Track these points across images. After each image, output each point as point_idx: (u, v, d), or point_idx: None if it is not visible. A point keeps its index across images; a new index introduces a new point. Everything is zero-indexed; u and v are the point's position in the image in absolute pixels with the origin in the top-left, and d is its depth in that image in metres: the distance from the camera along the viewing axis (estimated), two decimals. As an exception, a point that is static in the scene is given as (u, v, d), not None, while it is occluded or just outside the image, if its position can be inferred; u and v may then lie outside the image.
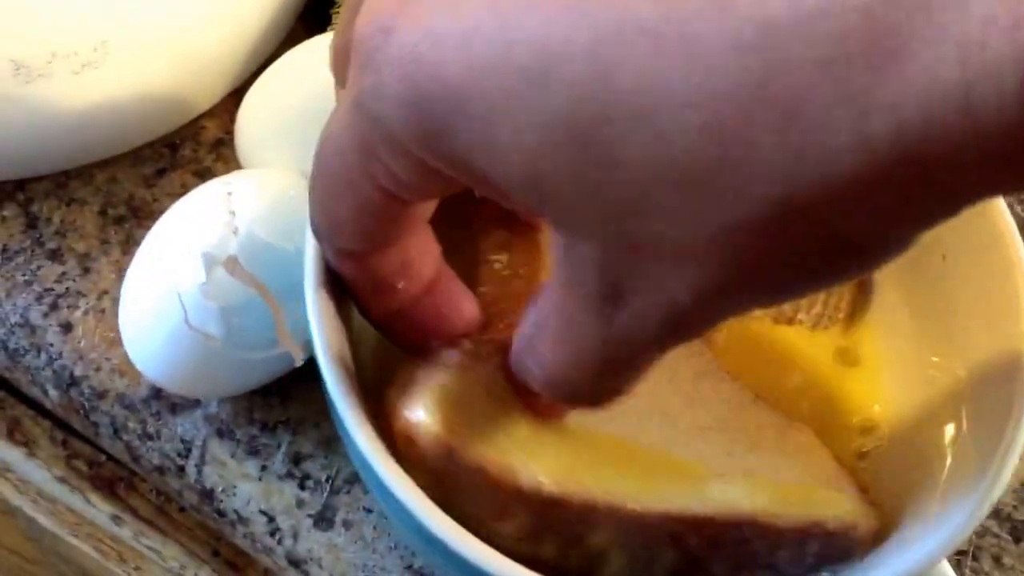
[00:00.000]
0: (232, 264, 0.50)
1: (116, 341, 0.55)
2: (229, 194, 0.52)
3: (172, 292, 0.50)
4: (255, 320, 0.51)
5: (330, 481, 0.55)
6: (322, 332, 0.42)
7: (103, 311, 0.58)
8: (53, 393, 0.58)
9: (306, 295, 0.42)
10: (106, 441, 0.57)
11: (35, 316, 0.58)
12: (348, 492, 0.55)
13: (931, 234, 0.32)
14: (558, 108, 0.29)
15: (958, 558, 0.56)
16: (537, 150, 0.30)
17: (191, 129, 0.65)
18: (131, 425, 0.56)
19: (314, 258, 0.43)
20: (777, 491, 0.45)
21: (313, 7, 0.68)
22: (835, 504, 0.45)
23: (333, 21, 0.67)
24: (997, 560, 0.56)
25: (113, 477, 0.62)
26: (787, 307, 0.50)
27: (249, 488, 0.55)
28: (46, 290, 0.59)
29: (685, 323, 0.32)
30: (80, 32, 0.56)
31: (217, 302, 0.50)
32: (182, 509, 0.62)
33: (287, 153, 0.56)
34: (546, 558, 0.42)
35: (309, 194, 0.40)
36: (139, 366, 0.53)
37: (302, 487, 0.55)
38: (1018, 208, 0.68)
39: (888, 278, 0.51)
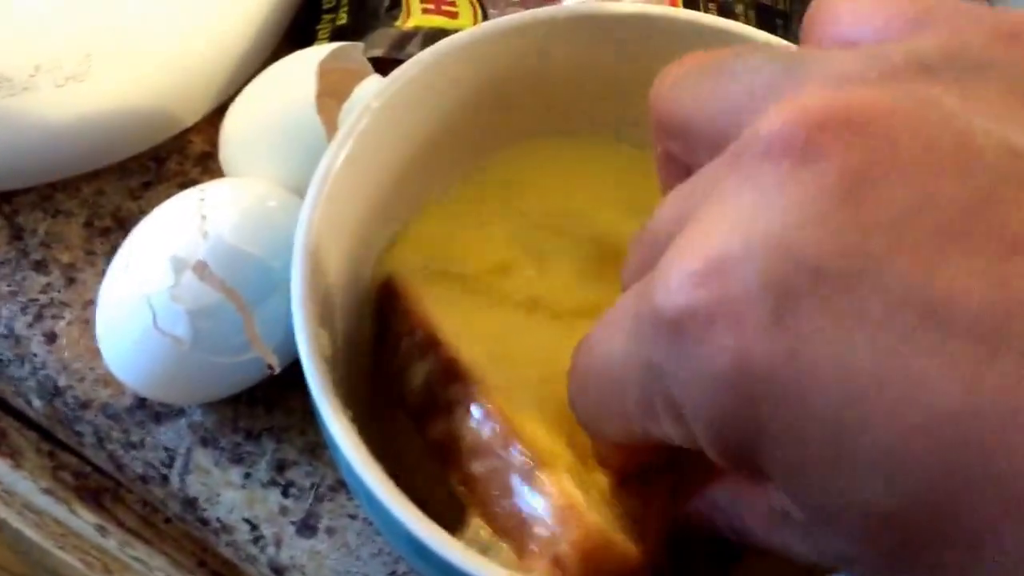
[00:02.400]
0: (201, 268, 0.50)
1: (100, 351, 0.55)
2: (201, 200, 0.53)
3: (143, 296, 0.51)
4: (224, 324, 0.51)
5: (314, 488, 0.55)
6: (308, 344, 0.42)
7: (87, 322, 0.58)
8: (37, 403, 0.58)
9: (293, 309, 0.43)
10: (90, 451, 0.58)
11: (19, 327, 0.59)
12: (332, 499, 0.55)
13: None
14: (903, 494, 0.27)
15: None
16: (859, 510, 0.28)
17: (177, 142, 0.65)
18: (115, 434, 0.57)
19: (301, 271, 0.43)
20: None
21: (299, 22, 0.69)
22: None
23: (318, 36, 0.68)
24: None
25: (99, 488, 0.63)
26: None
27: (233, 496, 0.55)
28: (31, 301, 0.59)
29: None
30: (64, 45, 0.57)
31: (185, 305, 0.50)
32: (168, 520, 0.63)
33: (270, 165, 0.57)
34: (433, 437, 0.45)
35: (572, 387, 0.39)
36: (112, 369, 0.54)
37: (286, 494, 0.55)
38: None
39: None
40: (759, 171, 0.28)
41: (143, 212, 0.56)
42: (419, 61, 0.49)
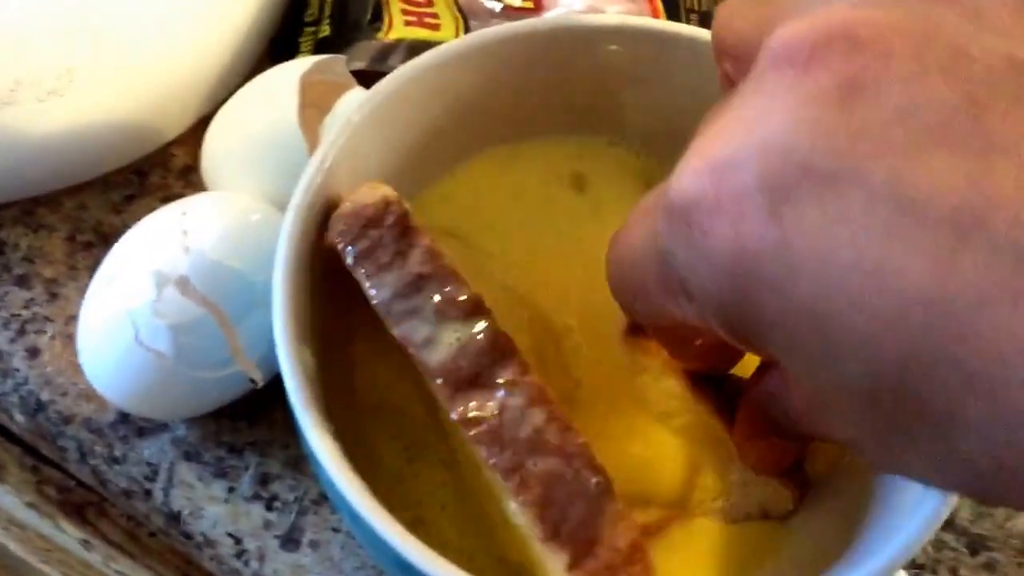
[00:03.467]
0: (183, 283, 0.50)
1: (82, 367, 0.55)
2: (183, 214, 0.53)
3: (124, 311, 0.51)
4: (206, 339, 0.51)
5: (298, 502, 0.55)
6: (291, 363, 0.42)
7: (70, 337, 0.58)
8: (20, 418, 0.58)
9: (274, 328, 0.43)
10: (73, 466, 0.58)
11: (2, 342, 0.58)
12: (316, 512, 0.55)
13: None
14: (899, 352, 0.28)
15: (916, 572, 0.56)
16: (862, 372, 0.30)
17: (160, 156, 0.65)
18: (98, 449, 0.56)
19: (282, 285, 0.43)
20: None
21: (282, 35, 0.69)
22: None
23: (301, 49, 0.68)
24: (954, 573, 0.57)
25: (83, 502, 0.63)
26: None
27: (216, 510, 0.55)
28: (13, 316, 0.59)
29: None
30: (44, 60, 0.57)
31: (167, 320, 0.50)
32: (152, 534, 0.63)
33: (252, 179, 0.57)
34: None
35: (609, 275, 0.41)
36: (95, 384, 0.54)
37: (269, 508, 0.55)
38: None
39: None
40: (767, 80, 0.31)
41: (125, 226, 0.56)
42: (401, 74, 0.49)
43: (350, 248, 0.43)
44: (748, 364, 0.47)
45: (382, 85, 0.49)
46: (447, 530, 0.47)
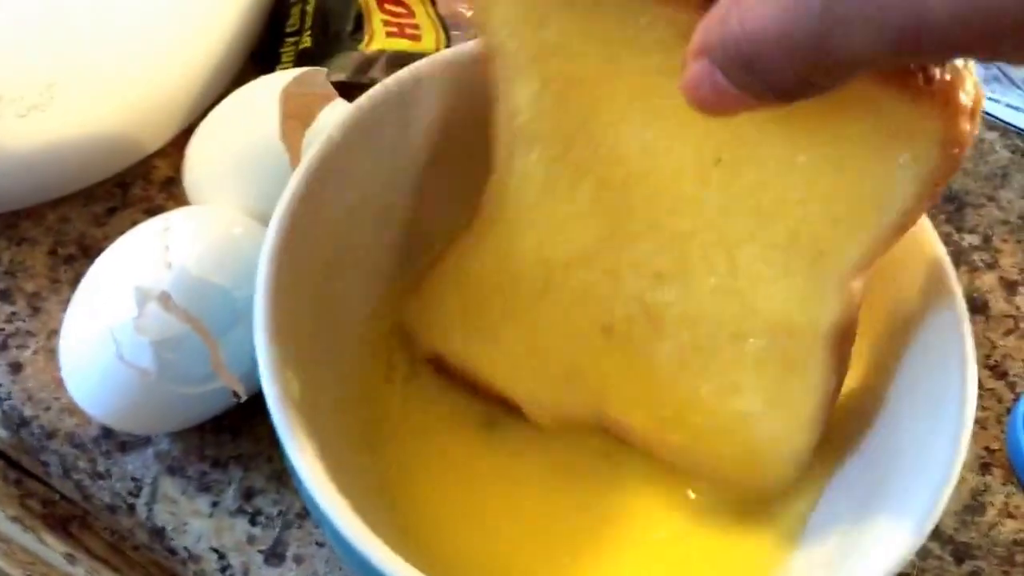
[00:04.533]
0: (165, 299, 0.50)
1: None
2: (165, 230, 0.52)
3: (106, 328, 0.51)
4: (189, 355, 0.51)
5: (282, 516, 0.55)
6: (275, 387, 0.42)
7: (52, 351, 0.58)
8: (3, 433, 0.58)
9: (257, 351, 0.43)
10: (57, 481, 0.58)
11: (-16, 357, 0.58)
12: (300, 527, 0.55)
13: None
14: None
15: (902, 581, 0.56)
16: None
17: (142, 168, 0.65)
18: (81, 464, 0.56)
19: (264, 302, 0.43)
20: None
21: (263, 46, 0.69)
22: None
23: (282, 60, 0.68)
24: (940, 582, 0.57)
25: (67, 516, 0.62)
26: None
27: (200, 525, 0.55)
28: (-4, 330, 0.59)
29: (911, 35, 0.32)
30: (26, 76, 0.56)
31: (149, 336, 0.50)
32: (136, 547, 0.62)
33: (234, 192, 0.57)
34: None
35: None
36: (77, 400, 0.54)
37: (253, 523, 0.55)
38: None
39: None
40: None
41: (108, 239, 0.56)
42: (383, 88, 0.49)
43: None
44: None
45: (363, 100, 0.49)
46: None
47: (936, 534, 0.58)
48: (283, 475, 0.56)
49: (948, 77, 0.40)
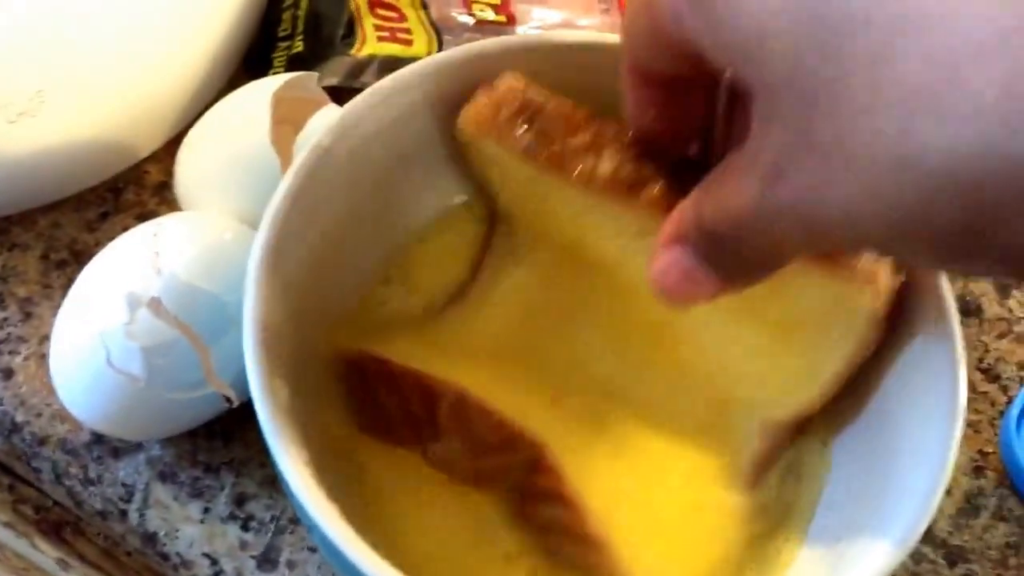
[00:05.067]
0: (156, 305, 0.50)
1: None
2: (156, 235, 0.52)
3: (96, 333, 0.51)
4: (179, 361, 0.51)
5: (274, 521, 0.55)
6: (263, 396, 0.42)
7: (44, 356, 0.58)
8: (-6, 439, 0.58)
9: (246, 359, 0.43)
10: (48, 486, 0.58)
11: (-24, 363, 0.58)
12: (292, 532, 0.55)
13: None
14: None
15: (895, 585, 0.56)
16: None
17: (134, 173, 0.65)
18: (73, 470, 0.56)
19: (253, 307, 0.43)
20: None
21: (255, 51, 0.69)
22: None
23: (274, 64, 0.68)
24: (933, 586, 0.57)
25: (60, 521, 0.62)
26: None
27: (192, 531, 0.55)
28: (-13, 336, 0.59)
29: (821, 232, 0.34)
30: (15, 82, 0.56)
31: (140, 342, 0.50)
32: (129, 553, 0.62)
33: (225, 197, 0.57)
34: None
35: None
36: (68, 406, 0.54)
37: (246, 528, 0.55)
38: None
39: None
40: None
41: (99, 244, 0.56)
42: (374, 92, 0.49)
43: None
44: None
45: (354, 105, 0.49)
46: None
47: (929, 537, 0.58)
48: (275, 481, 0.56)
49: (871, 263, 0.46)
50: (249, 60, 0.69)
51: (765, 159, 0.34)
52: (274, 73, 0.66)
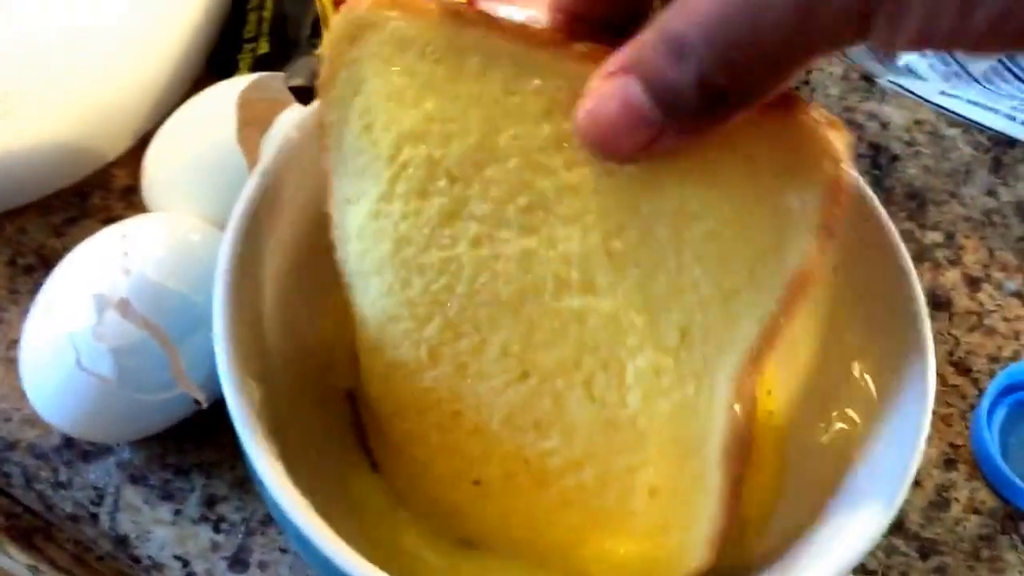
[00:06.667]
0: (124, 306, 0.50)
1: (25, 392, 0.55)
2: (124, 236, 0.52)
3: (65, 335, 0.51)
4: (149, 362, 0.51)
5: (245, 523, 0.55)
6: (233, 382, 0.42)
7: (12, 361, 0.57)
8: (-37, 445, 0.58)
9: (217, 359, 0.42)
10: (19, 491, 0.57)
11: (-56, 368, 0.58)
12: (263, 533, 0.55)
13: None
14: None
15: (867, 577, 0.57)
16: None
17: (101, 177, 0.65)
18: (43, 474, 0.56)
19: (222, 307, 0.43)
20: None
21: (221, 52, 0.69)
22: None
23: (240, 66, 0.67)
24: (905, 577, 0.57)
25: (30, 527, 0.62)
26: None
27: (163, 533, 0.55)
28: (-46, 341, 0.59)
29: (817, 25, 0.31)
30: (-20, 86, 0.56)
31: (108, 344, 0.50)
32: (100, 558, 0.62)
33: (192, 199, 0.57)
34: None
35: None
36: (38, 409, 0.53)
37: (217, 530, 0.55)
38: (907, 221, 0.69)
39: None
40: None
41: (67, 249, 0.55)
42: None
43: None
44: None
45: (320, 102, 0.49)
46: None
47: (902, 530, 0.58)
48: (246, 482, 0.56)
49: (823, 121, 0.38)
50: (215, 61, 0.69)
51: None
52: (240, 75, 0.66)
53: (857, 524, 0.43)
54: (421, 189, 0.44)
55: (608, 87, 0.35)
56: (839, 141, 0.38)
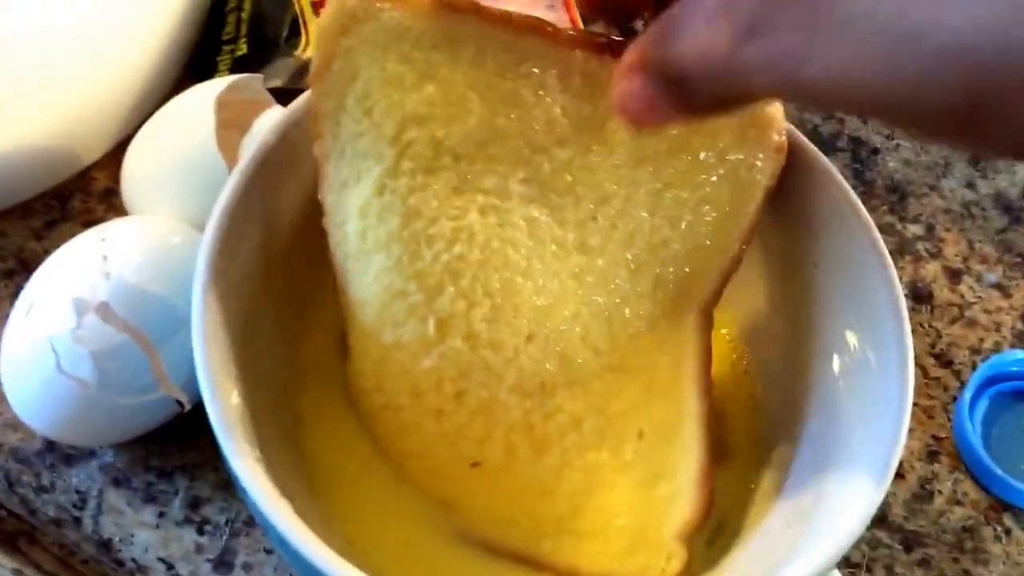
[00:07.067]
0: (104, 309, 0.50)
1: (6, 396, 0.55)
2: (103, 240, 0.52)
3: (45, 339, 0.51)
4: (129, 365, 0.51)
5: (229, 524, 0.55)
6: (212, 385, 0.42)
7: (-7, 365, 0.57)
8: (-55, 450, 0.57)
9: (196, 362, 0.42)
10: (1, 495, 0.57)
11: (-75, 373, 0.58)
12: (247, 535, 0.55)
13: (801, 245, 0.42)
14: None
15: (851, 571, 0.57)
16: None
17: (81, 180, 0.65)
18: (25, 478, 0.56)
19: (201, 309, 0.43)
20: None
21: (200, 54, 0.69)
22: None
23: (219, 68, 0.67)
24: (889, 570, 0.57)
25: (14, 531, 0.62)
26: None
27: (147, 536, 0.55)
28: (-65, 347, 0.58)
29: (798, 90, 0.34)
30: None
31: (89, 347, 0.50)
32: (85, 561, 0.62)
33: (172, 201, 0.56)
34: None
35: None
36: (19, 413, 0.53)
37: (201, 532, 0.55)
38: (889, 216, 0.69)
39: (760, 277, 0.53)
40: None
41: (47, 252, 0.55)
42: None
43: None
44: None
45: (299, 103, 0.49)
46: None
47: (885, 523, 0.58)
48: (229, 484, 0.55)
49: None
50: (193, 63, 0.68)
51: (742, 5, 0.34)
52: (219, 76, 0.66)
53: (839, 517, 0.43)
54: (427, 167, 0.46)
55: (629, 86, 0.39)
56: (778, 112, 0.48)
